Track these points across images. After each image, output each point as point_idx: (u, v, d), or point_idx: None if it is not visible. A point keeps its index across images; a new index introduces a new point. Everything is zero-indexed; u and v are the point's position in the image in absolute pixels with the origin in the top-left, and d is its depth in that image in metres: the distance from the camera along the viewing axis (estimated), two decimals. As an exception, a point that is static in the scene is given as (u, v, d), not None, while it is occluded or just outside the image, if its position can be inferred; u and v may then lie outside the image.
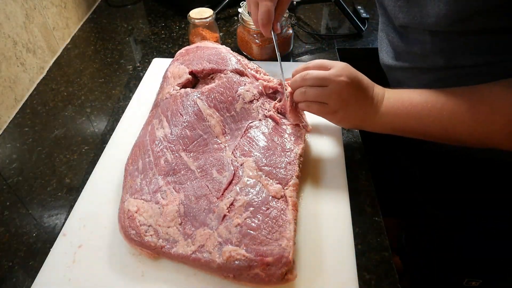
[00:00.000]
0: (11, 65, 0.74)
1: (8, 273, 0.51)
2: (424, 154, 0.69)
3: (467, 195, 0.66)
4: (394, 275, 0.49)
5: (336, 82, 0.52)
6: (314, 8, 1.07)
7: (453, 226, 0.70)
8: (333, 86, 0.52)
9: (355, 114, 0.54)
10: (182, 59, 0.70)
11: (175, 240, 0.47)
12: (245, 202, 0.48)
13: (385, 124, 0.54)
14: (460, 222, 0.68)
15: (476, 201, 0.65)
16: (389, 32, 0.63)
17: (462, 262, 0.73)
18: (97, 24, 1.04)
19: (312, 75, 0.54)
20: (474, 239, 0.69)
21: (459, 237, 0.71)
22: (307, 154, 0.61)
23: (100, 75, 0.86)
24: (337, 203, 0.54)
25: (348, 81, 0.52)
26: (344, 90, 0.52)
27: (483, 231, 0.67)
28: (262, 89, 0.63)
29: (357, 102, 0.53)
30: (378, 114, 0.53)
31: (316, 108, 0.55)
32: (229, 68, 0.64)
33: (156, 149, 0.56)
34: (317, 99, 0.54)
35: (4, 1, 0.72)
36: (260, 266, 0.43)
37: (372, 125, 0.55)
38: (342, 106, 0.53)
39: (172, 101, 0.62)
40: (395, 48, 0.63)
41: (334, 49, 0.90)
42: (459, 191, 0.67)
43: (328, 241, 0.50)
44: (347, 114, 0.54)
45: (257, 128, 0.58)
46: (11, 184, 0.63)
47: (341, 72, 0.53)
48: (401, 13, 0.54)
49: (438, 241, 0.75)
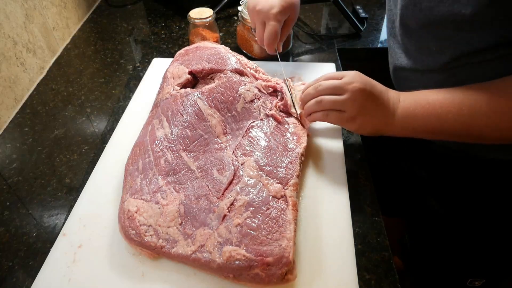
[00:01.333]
0: (11, 65, 0.74)
1: (8, 273, 0.51)
2: (428, 154, 0.69)
3: (471, 194, 0.66)
4: (394, 275, 0.49)
5: (350, 89, 0.53)
6: (314, 8, 1.07)
7: (456, 225, 0.70)
8: (348, 93, 0.53)
9: (373, 119, 0.54)
10: (181, 59, 0.70)
11: (175, 240, 0.47)
12: (246, 202, 0.48)
13: (405, 126, 0.53)
14: (464, 221, 0.68)
15: (479, 200, 0.65)
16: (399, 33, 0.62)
17: (465, 261, 0.73)
18: (97, 24, 1.04)
19: (325, 85, 0.55)
20: (477, 238, 0.69)
21: (463, 237, 0.71)
22: (307, 154, 0.61)
23: (100, 75, 0.86)
24: (337, 203, 0.54)
25: (361, 86, 0.52)
26: (359, 96, 0.52)
27: (486, 230, 0.67)
28: (262, 88, 0.63)
29: (374, 107, 0.53)
30: (396, 116, 0.53)
31: (334, 116, 0.55)
32: (228, 68, 0.64)
33: (156, 149, 0.56)
34: (334, 107, 0.54)
35: (4, 1, 0.72)
36: (260, 266, 0.43)
37: (392, 129, 0.54)
38: (359, 111, 0.53)
39: (172, 101, 0.62)
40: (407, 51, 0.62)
41: (334, 49, 0.90)
42: (462, 191, 0.67)
43: (328, 241, 0.50)
44: (366, 120, 0.54)
45: (259, 127, 0.58)
46: (11, 184, 0.63)
47: (353, 79, 0.53)
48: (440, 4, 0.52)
49: (441, 241, 0.75)
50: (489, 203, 0.64)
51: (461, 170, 0.65)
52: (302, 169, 0.56)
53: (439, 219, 0.73)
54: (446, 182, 0.69)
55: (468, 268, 0.74)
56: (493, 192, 0.63)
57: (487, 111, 0.48)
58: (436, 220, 0.74)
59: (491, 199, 0.64)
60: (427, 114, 0.51)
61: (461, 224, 0.69)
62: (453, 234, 0.72)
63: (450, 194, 0.69)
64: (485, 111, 0.48)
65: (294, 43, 0.92)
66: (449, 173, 0.68)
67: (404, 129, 0.54)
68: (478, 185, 0.64)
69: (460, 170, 0.65)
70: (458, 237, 0.71)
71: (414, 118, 0.52)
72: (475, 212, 0.67)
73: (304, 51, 0.90)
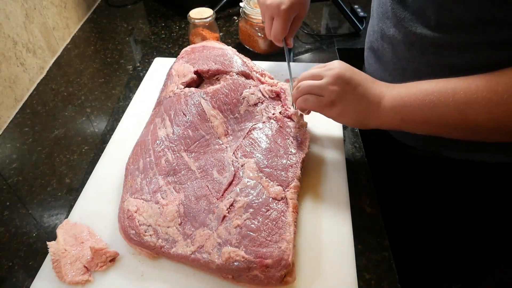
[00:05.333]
0: (11, 65, 0.74)
1: (8, 273, 0.51)
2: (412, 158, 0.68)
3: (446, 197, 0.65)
4: (394, 275, 0.49)
5: (329, 74, 0.52)
6: (314, 8, 1.06)
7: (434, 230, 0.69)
8: (327, 78, 0.52)
9: (354, 106, 0.52)
10: (187, 57, 0.69)
11: (174, 240, 0.47)
12: (245, 203, 0.48)
13: (393, 116, 0.50)
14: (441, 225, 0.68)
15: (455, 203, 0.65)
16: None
17: (443, 266, 0.73)
18: (97, 24, 1.04)
19: (306, 73, 0.55)
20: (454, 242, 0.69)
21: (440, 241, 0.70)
22: (308, 154, 0.61)
23: (100, 75, 0.86)
24: (337, 203, 0.54)
25: (341, 72, 0.51)
26: (338, 80, 0.51)
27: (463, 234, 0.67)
28: (265, 92, 0.63)
29: (354, 93, 0.51)
30: (382, 106, 0.51)
31: (312, 100, 0.54)
32: (234, 70, 0.64)
33: (157, 148, 0.56)
34: (311, 91, 0.53)
35: (4, 1, 0.72)
36: (259, 268, 0.43)
37: (377, 119, 0.51)
38: (338, 96, 0.52)
39: (176, 100, 0.61)
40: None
41: (334, 49, 0.90)
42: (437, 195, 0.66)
43: (328, 241, 0.50)
44: (346, 107, 0.52)
45: (260, 129, 0.58)
46: (11, 184, 0.63)
47: (332, 65, 0.53)
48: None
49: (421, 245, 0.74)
50: (466, 206, 0.64)
51: (436, 173, 0.64)
52: (302, 170, 0.55)
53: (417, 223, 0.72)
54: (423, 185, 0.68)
55: (445, 273, 0.74)
56: (470, 195, 0.63)
57: (483, 98, 0.44)
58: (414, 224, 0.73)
59: (467, 202, 0.64)
60: (418, 102, 0.47)
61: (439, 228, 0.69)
62: (431, 239, 0.71)
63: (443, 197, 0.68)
64: (481, 98, 0.44)
65: (294, 43, 0.92)
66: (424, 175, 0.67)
67: (391, 119, 0.50)
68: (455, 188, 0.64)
69: (435, 173, 0.65)
70: (446, 239, 0.71)
71: (403, 106, 0.49)
72: (452, 215, 0.66)
73: (304, 51, 0.90)
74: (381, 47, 0.61)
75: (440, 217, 0.69)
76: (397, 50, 0.58)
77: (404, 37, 0.55)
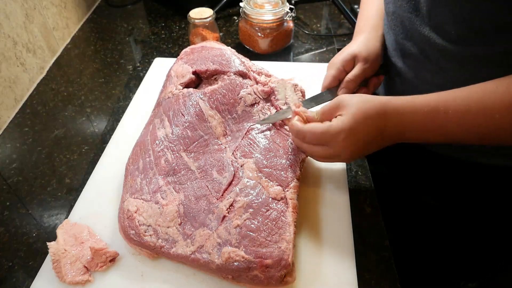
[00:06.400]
0: (11, 65, 0.74)
1: (8, 273, 0.51)
2: (424, 156, 0.68)
3: (464, 198, 0.65)
4: (394, 275, 0.49)
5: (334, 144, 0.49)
6: (314, 8, 1.06)
7: (450, 227, 0.70)
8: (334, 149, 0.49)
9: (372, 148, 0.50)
10: (186, 58, 0.69)
11: (174, 240, 0.47)
12: (245, 203, 0.48)
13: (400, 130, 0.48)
14: (457, 223, 0.68)
15: (472, 203, 0.65)
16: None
17: (458, 264, 0.73)
18: (97, 24, 1.04)
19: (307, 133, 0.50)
20: (470, 240, 0.69)
21: (456, 239, 0.70)
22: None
23: (100, 75, 0.86)
24: (337, 203, 0.54)
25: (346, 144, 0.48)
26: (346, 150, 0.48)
27: (479, 233, 0.67)
28: (258, 92, 0.62)
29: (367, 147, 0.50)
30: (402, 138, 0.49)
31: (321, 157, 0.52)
32: (232, 70, 0.64)
33: (157, 148, 0.56)
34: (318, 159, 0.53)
35: (4, 1, 0.72)
36: (259, 268, 0.43)
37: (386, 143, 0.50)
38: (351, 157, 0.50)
39: (174, 100, 0.61)
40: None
41: (334, 49, 0.90)
42: (455, 195, 0.66)
43: (328, 241, 0.50)
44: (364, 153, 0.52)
45: (259, 130, 0.58)
46: (11, 184, 0.63)
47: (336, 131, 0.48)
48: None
49: (435, 243, 0.74)
50: (483, 206, 0.64)
51: (455, 174, 0.65)
52: (302, 170, 0.55)
53: (432, 220, 0.73)
54: (440, 185, 0.68)
55: (461, 271, 0.74)
56: (486, 196, 0.63)
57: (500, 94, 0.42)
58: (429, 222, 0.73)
59: (484, 202, 0.64)
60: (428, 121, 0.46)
61: (455, 226, 0.69)
62: (447, 236, 0.71)
63: (444, 197, 0.68)
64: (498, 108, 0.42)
65: (294, 43, 0.92)
66: (445, 177, 0.67)
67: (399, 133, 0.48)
68: (473, 189, 0.64)
69: (454, 174, 0.65)
70: (451, 239, 0.71)
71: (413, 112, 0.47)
72: (469, 214, 0.66)
73: (304, 51, 0.90)
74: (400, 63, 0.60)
75: (441, 217, 0.69)
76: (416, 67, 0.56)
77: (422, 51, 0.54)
